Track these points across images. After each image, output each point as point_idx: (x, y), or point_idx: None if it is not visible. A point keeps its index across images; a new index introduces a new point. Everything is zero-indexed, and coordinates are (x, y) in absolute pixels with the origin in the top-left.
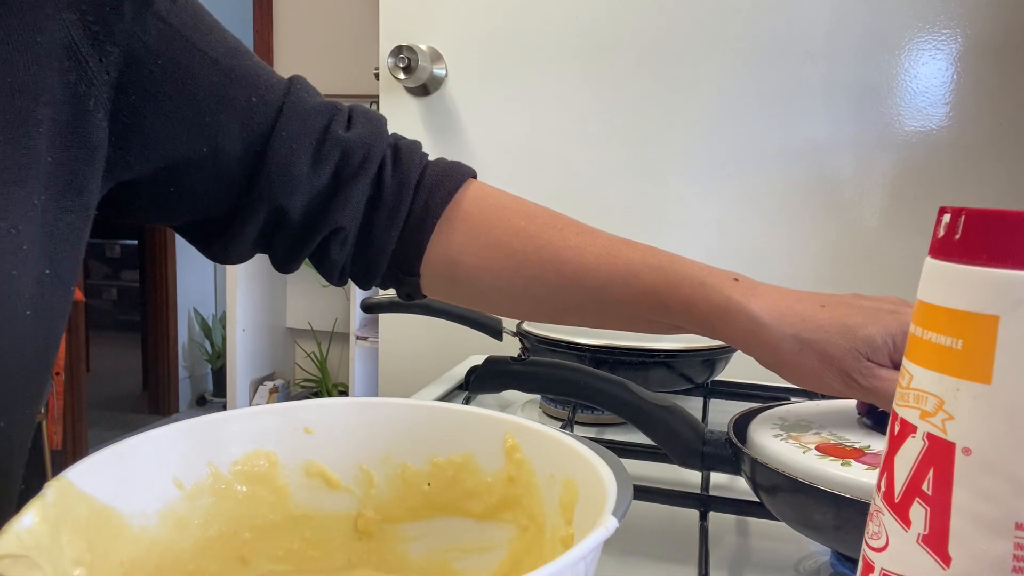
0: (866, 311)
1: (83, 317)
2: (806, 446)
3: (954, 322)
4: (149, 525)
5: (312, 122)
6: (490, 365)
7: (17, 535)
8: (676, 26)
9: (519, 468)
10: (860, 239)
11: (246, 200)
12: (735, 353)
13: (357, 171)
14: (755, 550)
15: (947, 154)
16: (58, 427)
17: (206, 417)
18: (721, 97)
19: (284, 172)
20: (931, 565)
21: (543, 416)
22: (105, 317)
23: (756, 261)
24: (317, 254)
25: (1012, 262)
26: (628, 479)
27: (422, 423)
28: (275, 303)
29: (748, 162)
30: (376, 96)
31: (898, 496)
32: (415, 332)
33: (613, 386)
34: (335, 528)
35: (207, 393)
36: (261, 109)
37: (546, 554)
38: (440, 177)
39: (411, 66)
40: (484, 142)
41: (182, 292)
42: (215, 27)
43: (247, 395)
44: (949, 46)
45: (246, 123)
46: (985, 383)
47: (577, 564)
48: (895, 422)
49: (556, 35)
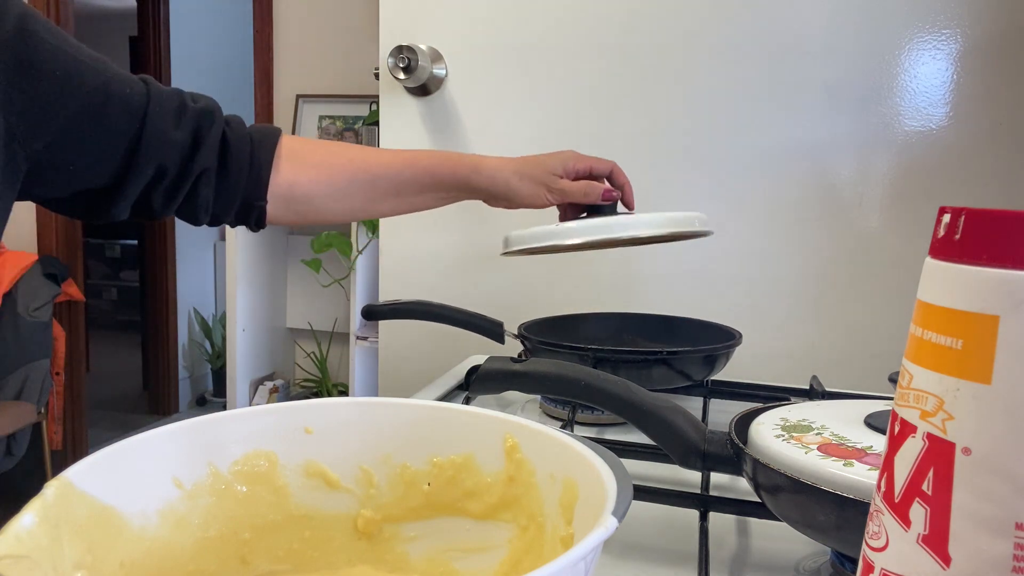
0: (547, 156)
1: (83, 317)
2: (808, 446)
3: (954, 322)
4: (149, 525)
5: (171, 101)
6: (490, 365)
7: (17, 535)
8: (676, 27)
9: (519, 468)
10: (860, 239)
11: (132, 165)
12: (735, 352)
13: (209, 129)
14: (755, 550)
15: (947, 154)
16: (58, 427)
17: (206, 417)
18: (721, 97)
19: (160, 138)
20: (931, 565)
21: (543, 416)
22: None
23: (756, 261)
24: (188, 198)
25: (1012, 262)
26: (628, 479)
27: (422, 423)
28: (275, 303)
29: (748, 162)
30: (376, 96)
31: (898, 496)
32: (415, 332)
33: (613, 386)
34: (335, 528)
35: (207, 393)
36: (135, 98)
37: (546, 554)
38: (264, 131)
39: (411, 66)
40: (484, 142)
41: (182, 292)
42: (81, 45)
43: (247, 395)
44: (949, 46)
45: (125, 108)
46: (985, 383)
47: (577, 564)
48: (895, 422)
49: (556, 35)
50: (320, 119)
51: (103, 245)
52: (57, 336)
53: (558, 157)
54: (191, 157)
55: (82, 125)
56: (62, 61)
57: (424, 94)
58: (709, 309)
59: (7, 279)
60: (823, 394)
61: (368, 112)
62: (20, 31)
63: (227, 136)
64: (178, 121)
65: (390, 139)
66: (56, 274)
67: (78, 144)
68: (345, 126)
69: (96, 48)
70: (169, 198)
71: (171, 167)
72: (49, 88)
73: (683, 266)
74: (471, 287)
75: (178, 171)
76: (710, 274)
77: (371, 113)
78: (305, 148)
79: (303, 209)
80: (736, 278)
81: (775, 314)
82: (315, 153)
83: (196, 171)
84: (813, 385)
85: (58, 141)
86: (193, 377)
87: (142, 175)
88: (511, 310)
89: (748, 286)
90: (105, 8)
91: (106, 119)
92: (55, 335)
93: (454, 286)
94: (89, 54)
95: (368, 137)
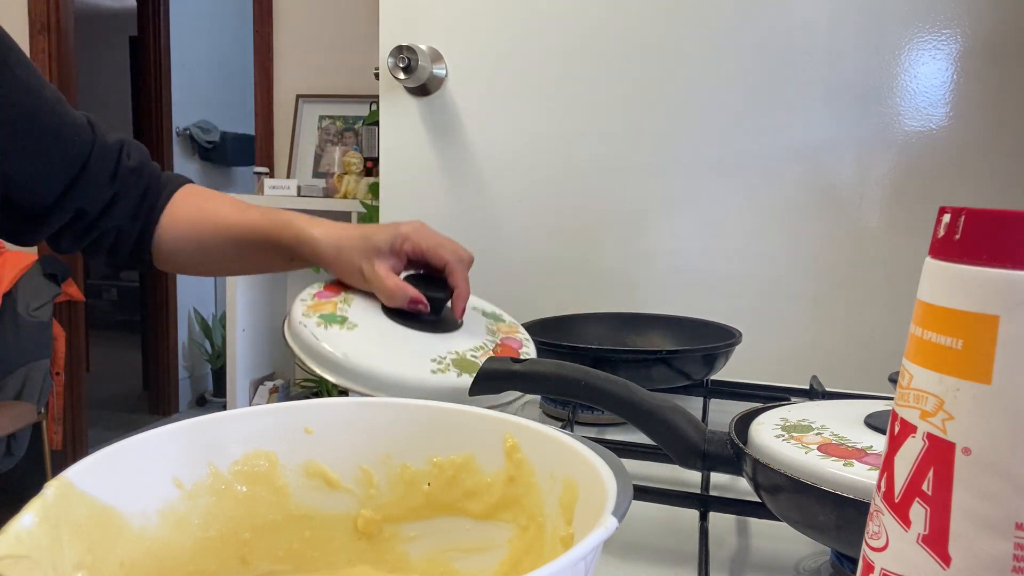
0: (383, 227)
1: (83, 317)
2: (808, 446)
3: (954, 322)
4: (149, 525)
5: (111, 154)
6: (490, 365)
7: (17, 535)
8: (676, 26)
9: (519, 468)
10: (860, 239)
11: (60, 204)
12: (735, 351)
13: (131, 188)
14: (755, 550)
15: (947, 154)
16: (58, 427)
17: (206, 417)
18: (721, 97)
19: (91, 188)
20: (931, 565)
21: (543, 416)
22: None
23: (756, 261)
24: (94, 241)
25: (1012, 262)
26: (628, 479)
27: (422, 423)
28: (275, 303)
29: (748, 162)
30: (376, 96)
31: (898, 496)
32: None
33: (613, 386)
34: (335, 528)
35: (207, 393)
36: (80, 145)
37: (546, 554)
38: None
39: (411, 66)
40: (484, 142)
41: (182, 292)
42: (46, 83)
43: (247, 395)
44: (949, 46)
45: (69, 154)
46: (985, 383)
47: (577, 564)
48: (895, 422)
49: (556, 35)
50: (320, 119)
51: None
52: (57, 336)
53: (389, 232)
54: (108, 210)
55: (26, 157)
56: (23, 96)
57: (424, 94)
58: (709, 309)
59: (7, 279)
60: (823, 394)
61: (368, 112)
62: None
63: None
64: (111, 176)
65: (390, 139)
66: (56, 274)
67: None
68: (345, 126)
69: (96, 48)
70: (77, 240)
71: (90, 215)
72: (7, 116)
73: (683, 266)
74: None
75: (94, 220)
76: (710, 274)
77: (371, 113)
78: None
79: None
80: (736, 278)
81: (775, 314)
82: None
83: (107, 224)
84: (813, 385)
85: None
86: (193, 377)
87: (63, 215)
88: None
89: (748, 286)
90: (105, 8)
91: (50, 158)
92: (55, 335)
93: None
94: (51, 94)
95: (368, 137)
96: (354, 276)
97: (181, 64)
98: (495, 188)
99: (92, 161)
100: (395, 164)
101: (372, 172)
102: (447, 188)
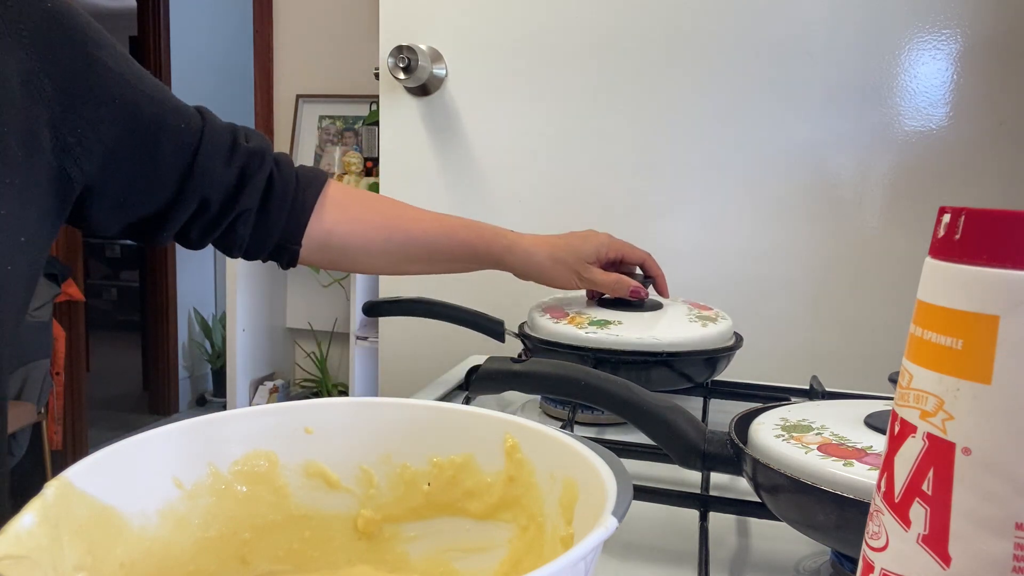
0: (583, 236)
1: (83, 317)
2: (808, 446)
3: (954, 322)
4: (149, 525)
5: (224, 138)
6: (490, 365)
7: (17, 535)
8: (676, 26)
9: (519, 468)
10: (860, 239)
11: (180, 197)
12: (736, 353)
13: (257, 170)
14: (755, 550)
15: (947, 154)
16: (58, 427)
17: (206, 417)
18: (721, 97)
19: (209, 174)
20: (931, 565)
21: (543, 416)
22: (105, 317)
23: (756, 261)
24: (225, 233)
25: (1012, 262)
26: (628, 479)
27: (422, 423)
28: (275, 303)
29: (748, 162)
30: (376, 96)
31: (898, 496)
32: (415, 332)
33: (613, 386)
34: (335, 528)
35: (207, 393)
36: (189, 132)
37: (546, 554)
38: (311, 176)
39: (411, 66)
40: (484, 142)
41: (182, 292)
42: (144, 73)
43: (247, 395)
44: (949, 46)
45: (178, 142)
46: (985, 383)
47: (577, 564)
48: (895, 422)
49: (556, 35)
50: (320, 119)
51: (103, 245)
52: (57, 336)
53: (592, 242)
54: (235, 196)
55: (135, 154)
56: (121, 89)
57: (424, 94)
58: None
59: None
60: (823, 394)
61: (368, 112)
62: (86, 56)
63: (273, 178)
64: (228, 159)
65: (390, 139)
66: (56, 274)
67: (129, 171)
68: (345, 126)
69: None
70: (206, 232)
71: (214, 203)
72: (106, 114)
73: (683, 266)
74: (472, 286)
75: (220, 208)
76: (710, 274)
77: (371, 113)
78: (348, 199)
79: (335, 257)
80: (736, 278)
81: (775, 314)
82: (356, 205)
83: (238, 210)
84: (813, 385)
85: (110, 165)
86: (193, 377)
87: (187, 207)
88: (512, 309)
89: (748, 286)
90: (105, 8)
91: (158, 151)
92: (55, 335)
93: (455, 285)
94: (150, 83)
95: (368, 137)
96: (569, 279)
97: (181, 64)
98: (495, 188)
99: (204, 146)
100: (395, 164)
101: (372, 172)
102: (447, 188)
